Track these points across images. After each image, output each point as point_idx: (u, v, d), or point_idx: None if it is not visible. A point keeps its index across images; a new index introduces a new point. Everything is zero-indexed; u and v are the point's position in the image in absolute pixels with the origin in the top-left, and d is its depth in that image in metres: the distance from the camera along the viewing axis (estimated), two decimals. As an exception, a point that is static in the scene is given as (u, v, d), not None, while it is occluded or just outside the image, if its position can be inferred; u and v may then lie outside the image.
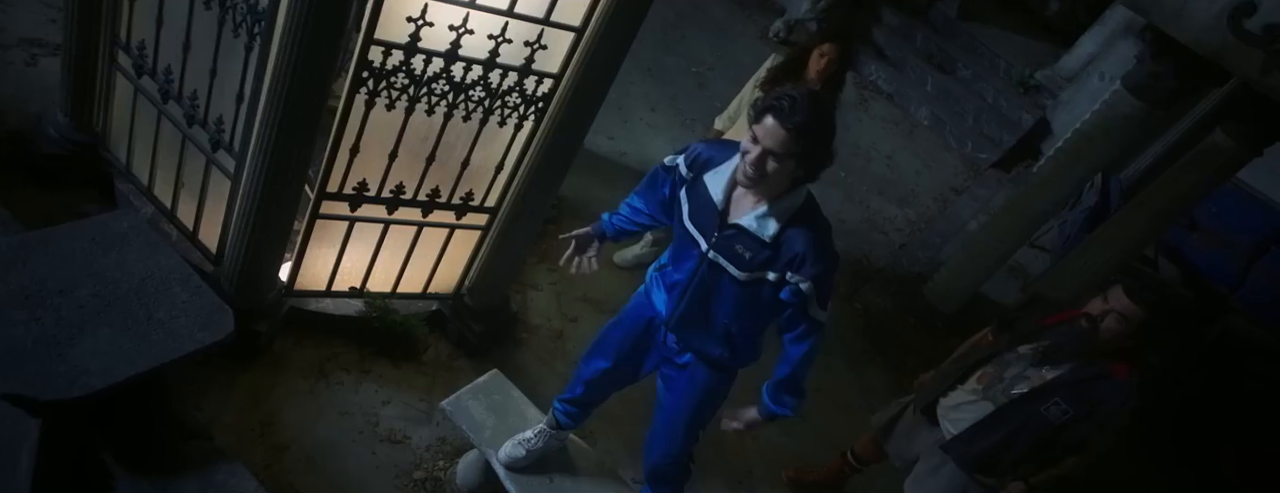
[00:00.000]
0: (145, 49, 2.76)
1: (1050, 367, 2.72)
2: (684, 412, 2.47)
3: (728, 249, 2.12)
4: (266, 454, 2.60)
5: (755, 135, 1.97)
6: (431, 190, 2.93)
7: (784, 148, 1.93)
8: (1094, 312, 2.61)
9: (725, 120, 3.82)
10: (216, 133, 2.72)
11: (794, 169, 1.99)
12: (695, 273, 2.21)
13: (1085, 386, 2.65)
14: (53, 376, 1.59)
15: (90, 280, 1.76)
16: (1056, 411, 2.68)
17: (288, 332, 3.01)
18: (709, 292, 2.22)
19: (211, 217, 2.92)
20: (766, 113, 1.96)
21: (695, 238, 2.18)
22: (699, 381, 2.42)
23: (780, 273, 2.09)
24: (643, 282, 2.50)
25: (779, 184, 2.04)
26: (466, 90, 2.66)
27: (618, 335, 2.52)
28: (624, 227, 2.52)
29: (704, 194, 2.15)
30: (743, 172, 2.00)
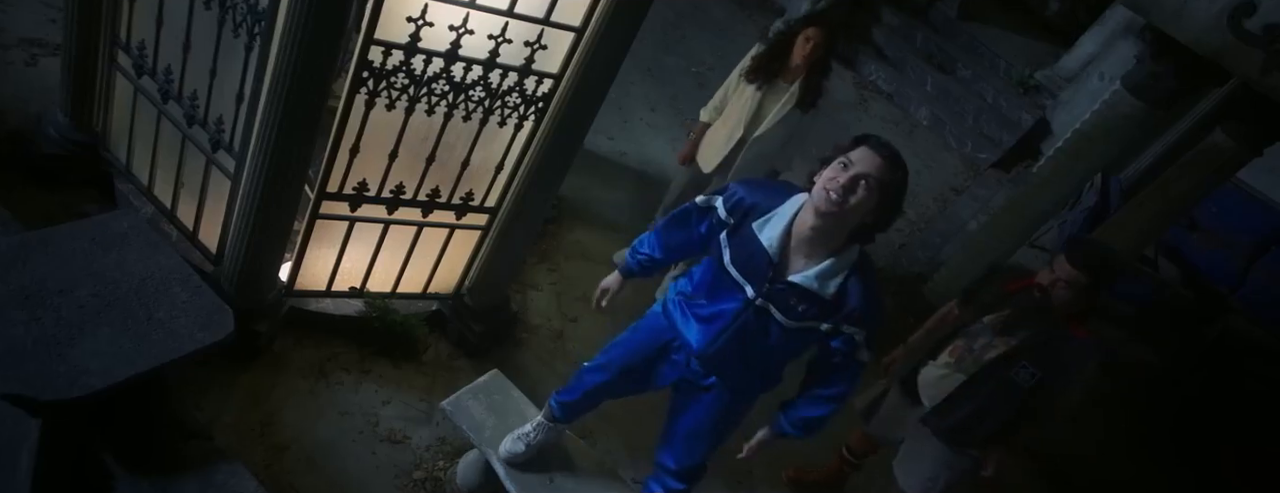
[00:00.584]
0: (145, 49, 2.76)
1: (1014, 334, 2.80)
2: (705, 428, 2.45)
3: (779, 300, 2.09)
4: (266, 454, 2.60)
5: (849, 160, 1.97)
6: (431, 190, 2.93)
7: (879, 173, 1.94)
8: (1044, 282, 2.70)
9: (711, 112, 3.81)
10: (216, 133, 2.72)
11: (871, 209, 1.98)
12: (738, 316, 2.16)
13: (1049, 348, 2.74)
14: (53, 375, 1.59)
15: (90, 280, 1.76)
16: (1025, 374, 2.76)
17: (288, 332, 3.01)
18: (751, 334, 2.18)
19: (211, 217, 2.92)
20: (859, 143, 2.00)
21: (740, 284, 2.13)
22: (724, 402, 2.40)
23: (835, 325, 2.10)
24: (639, 285, 2.49)
25: (846, 229, 2.02)
26: (466, 90, 2.66)
27: (628, 352, 2.47)
28: (651, 263, 2.48)
29: (752, 242, 2.10)
30: (827, 196, 1.95)
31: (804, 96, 3.55)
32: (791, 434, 2.36)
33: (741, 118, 3.63)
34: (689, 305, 2.29)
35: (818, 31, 3.45)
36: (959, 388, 2.88)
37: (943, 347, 3.01)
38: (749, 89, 3.59)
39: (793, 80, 3.56)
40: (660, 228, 2.44)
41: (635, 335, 2.47)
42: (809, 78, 3.54)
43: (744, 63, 3.63)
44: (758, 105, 3.60)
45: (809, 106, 3.60)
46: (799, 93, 3.55)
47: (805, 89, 3.55)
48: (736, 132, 3.66)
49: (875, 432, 3.28)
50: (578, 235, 4.21)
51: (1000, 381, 2.80)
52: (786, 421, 2.34)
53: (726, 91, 3.72)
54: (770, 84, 3.58)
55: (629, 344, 2.48)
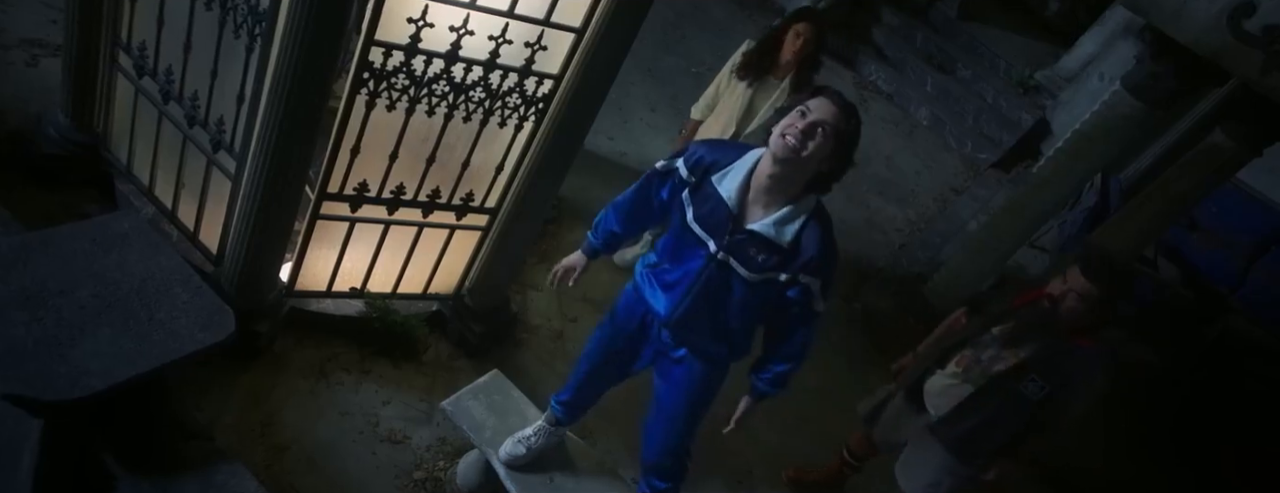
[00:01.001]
0: (146, 50, 2.77)
1: (1022, 346, 2.79)
2: (681, 406, 2.50)
3: (739, 251, 2.15)
4: (267, 454, 2.61)
5: (807, 108, 2.04)
6: (432, 191, 2.93)
7: (835, 121, 2.03)
8: (1054, 292, 2.68)
9: (702, 109, 3.83)
10: (217, 134, 2.72)
11: (827, 156, 2.06)
12: (701, 273, 2.22)
13: (1056, 361, 2.74)
14: (54, 376, 1.60)
15: (91, 281, 1.76)
16: (1033, 387, 2.77)
17: (288, 332, 3.02)
18: (714, 291, 2.24)
19: (212, 217, 2.93)
20: (817, 94, 2.07)
21: (702, 239, 2.19)
22: (697, 375, 2.44)
23: (793, 274, 2.15)
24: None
25: (805, 176, 2.08)
26: (467, 91, 2.66)
27: (610, 334, 2.54)
28: (613, 238, 2.54)
29: (713, 197, 2.16)
30: (785, 142, 2.01)
31: (796, 89, 3.57)
32: (767, 392, 2.41)
33: (733, 114, 3.65)
34: (655, 274, 2.36)
35: (808, 27, 3.47)
36: (968, 399, 2.88)
37: (950, 356, 3.00)
38: (740, 86, 3.61)
39: (783, 76, 3.58)
40: (619, 201, 2.50)
41: (613, 317, 2.54)
42: (799, 73, 3.56)
43: (734, 60, 3.65)
44: (749, 102, 3.62)
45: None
46: (789, 88, 3.57)
47: (796, 84, 3.57)
48: (729, 128, 3.68)
49: (879, 436, 3.27)
50: (578, 236, 4.20)
51: (1008, 393, 2.80)
52: (759, 380, 2.40)
53: (717, 89, 3.74)
54: (761, 81, 3.60)
55: (609, 326, 2.55)
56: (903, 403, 3.14)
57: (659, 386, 2.54)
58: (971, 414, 2.88)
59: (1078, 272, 2.66)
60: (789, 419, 3.96)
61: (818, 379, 4.23)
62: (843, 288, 5.10)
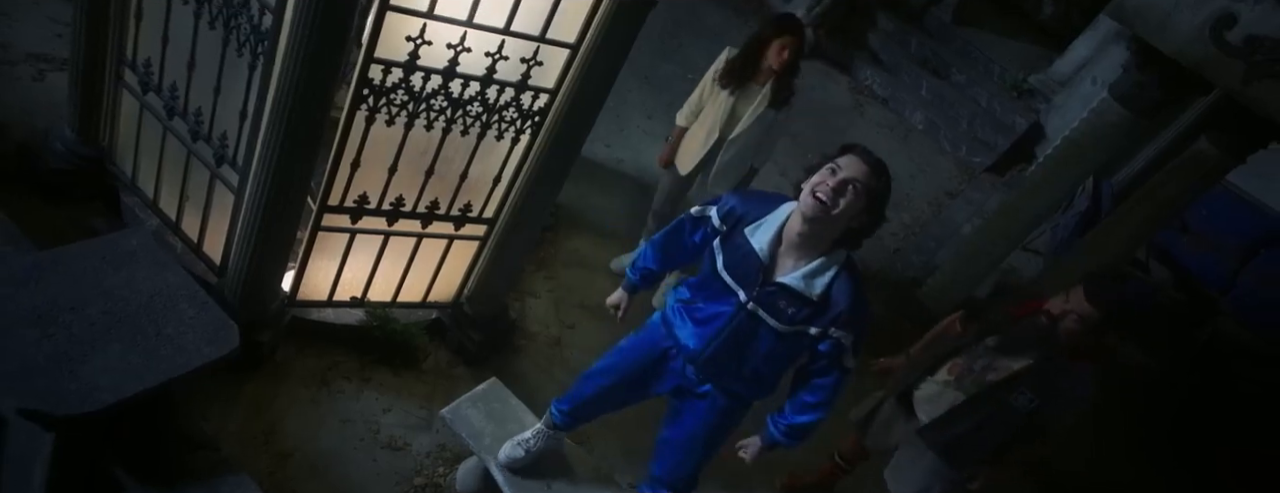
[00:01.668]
0: (151, 67, 2.83)
1: (1016, 358, 2.83)
2: (701, 436, 2.51)
3: (769, 303, 2.17)
4: (270, 462, 2.67)
5: (837, 165, 2.07)
6: (430, 203, 2.99)
7: (865, 179, 2.05)
8: (1055, 310, 2.73)
9: (687, 116, 3.91)
10: (220, 148, 2.78)
11: (857, 213, 2.08)
12: (732, 319, 2.24)
13: (1049, 377, 2.79)
14: (66, 392, 1.66)
15: (101, 298, 1.82)
16: (1023, 400, 2.82)
17: (290, 341, 3.08)
18: (743, 338, 2.25)
19: (215, 229, 2.99)
20: (846, 151, 2.11)
21: (732, 288, 2.21)
22: (719, 409, 2.46)
23: (823, 328, 2.17)
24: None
25: (835, 232, 2.11)
26: (464, 106, 2.72)
27: (629, 360, 2.54)
28: (651, 275, 2.60)
29: (744, 247, 2.19)
30: (814, 200, 2.04)
31: (776, 96, 3.66)
32: (782, 443, 2.43)
33: (717, 120, 3.73)
34: (687, 310, 2.37)
35: (793, 39, 3.54)
36: (959, 406, 2.93)
37: (943, 362, 3.05)
38: (723, 93, 3.70)
39: (764, 82, 3.66)
40: (656, 241, 2.53)
41: (635, 343, 2.54)
42: (781, 78, 3.64)
43: (716, 67, 3.73)
44: (732, 108, 3.71)
45: (782, 104, 3.70)
46: (771, 93, 3.66)
47: (777, 89, 3.66)
48: (713, 133, 3.76)
49: (870, 441, 3.33)
50: (575, 243, 4.27)
51: (999, 403, 2.85)
52: (776, 429, 2.42)
53: (701, 96, 3.82)
54: (743, 88, 3.68)
55: (629, 352, 2.55)
56: (894, 407, 3.20)
57: (680, 413, 2.54)
58: (961, 421, 2.93)
59: (1081, 294, 2.70)
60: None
61: None
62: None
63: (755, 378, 2.38)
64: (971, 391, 2.93)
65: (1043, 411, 2.83)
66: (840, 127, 6.82)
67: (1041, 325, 2.78)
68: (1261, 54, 3.44)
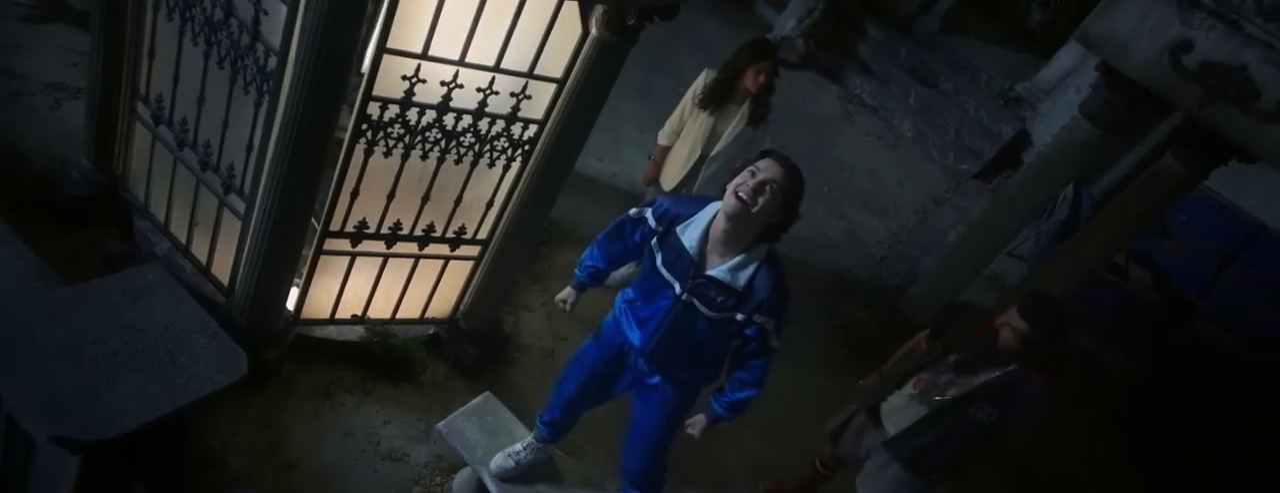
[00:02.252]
0: (163, 102, 3.00)
1: (976, 374, 3.01)
2: (657, 427, 2.75)
3: (701, 293, 2.41)
4: (276, 473, 2.84)
5: (756, 168, 2.28)
6: (427, 226, 3.16)
7: (781, 179, 2.27)
8: (996, 326, 2.89)
9: (669, 135, 4.09)
10: (228, 178, 2.95)
11: (776, 210, 2.29)
12: (669, 311, 2.48)
13: (1007, 392, 2.97)
14: (91, 418, 1.82)
15: (121, 331, 1.98)
16: (981, 413, 3.01)
17: (295, 357, 3.25)
18: (680, 327, 2.49)
19: (223, 252, 3.16)
20: (764, 156, 2.32)
21: (669, 282, 2.45)
22: (670, 399, 2.70)
23: (748, 314, 2.40)
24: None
25: (756, 227, 2.32)
26: (457, 137, 2.89)
27: (590, 361, 2.79)
28: (597, 273, 2.80)
29: (677, 245, 2.42)
30: (736, 200, 2.26)
31: (754, 114, 3.86)
32: (723, 417, 2.66)
33: (698, 139, 3.92)
34: (631, 310, 2.62)
35: (768, 63, 3.73)
36: (922, 419, 3.12)
37: (909, 378, 3.23)
38: (702, 114, 3.88)
39: (742, 101, 3.84)
40: (601, 240, 2.75)
41: (594, 345, 2.80)
42: (758, 98, 3.82)
43: (695, 89, 3.91)
44: (712, 127, 3.90)
45: (759, 122, 3.89)
46: (749, 112, 3.85)
47: (754, 108, 3.86)
48: (695, 152, 3.95)
49: (842, 450, 3.51)
50: (568, 256, 4.43)
51: (960, 417, 3.03)
52: (718, 406, 2.65)
53: (682, 116, 3.99)
54: (721, 109, 3.86)
55: (590, 353, 2.80)
56: (864, 420, 3.38)
57: (636, 407, 2.80)
58: (924, 433, 3.11)
59: (1016, 311, 2.90)
60: (770, 428, 4.18)
61: (798, 390, 4.45)
62: (824, 301, 5.31)
63: (697, 364, 2.62)
64: (934, 405, 3.10)
65: (1000, 423, 3.02)
66: (829, 136, 6.97)
67: (986, 342, 2.97)
68: (1215, 79, 3.61)
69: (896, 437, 3.19)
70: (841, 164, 6.74)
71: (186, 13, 2.72)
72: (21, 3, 3.95)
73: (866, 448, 3.39)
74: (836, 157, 6.77)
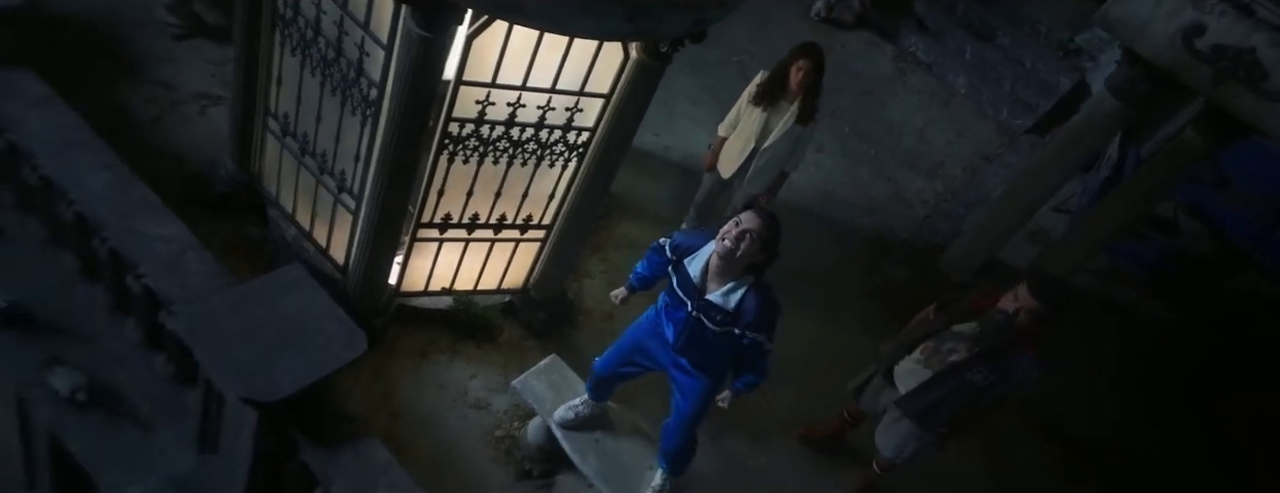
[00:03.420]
0: (288, 118, 3.67)
1: (975, 343, 3.47)
2: (691, 412, 3.36)
3: (705, 312, 3.00)
4: (387, 419, 3.58)
5: (739, 220, 2.87)
6: (500, 216, 3.78)
7: (760, 230, 2.85)
8: (1007, 307, 3.32)
9: (727, 127, 4.55)
10: (340, 180, 3.62)
11: (756, 252, 2.86)
12: (685, 322, 3.09)
13: (1002, 358, 3.42)
14: (265, 384, 2.49)
15: (278, 318, 2.63)
16: (979, 376, 3.46)
17: (397, 324, 3.96)
18: (696, 334, 3.10)
19: (338, 238, 3.86)
20: (746, 209, 2.92)
21: (683, 300, 3.05)
22: (701, 387, 3.30)
23: (742, 330, 2.99)
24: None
25: (741, 265, 2.90)
26: (522, 145, 3.47)
27: (633, 336, 3.40)
28: (645, 281, 3.40)
29: (685, 273, 3.03)
30: (726, 243, 2.84)
31: (802, 113, 4.26)
32: (744, 391, 3.29)
33: (752, 133, 4.35)
34: (664, 311, 3.22)
35: (808, 61, 4.12)
36: (928, 380, 3.59)
37: (918, 344, 3.70)
38: (756, 111, 4.30)
39: (793, 100, 4.25)
40: (645, 260, 3.33)
41: (637, 327, 3.41)
42: (805, 98, 4.22)
43: (750, 89, 4.33)
44: (764, 123, 4.32)
45: (807, 120, 4.30)
46: (798, 111, 4.24)
47: (803, 107, 4.24)
48: (749, 144, 4.39)
49: (863, 406, 4.03)
50: (626, 228, 5.00)
51: (960, 379, 3.49)
52: (739, 383, 3.27)
53: (738, 111, 4.43)
54: (774, 105, 4.28)
55: (634, 330, 3.43)
56: (881, 380, 3.87)
57: (675, 397, 3.40)
58: (929, 393, 3.59)
59: (1026, 291, 3.31)
60: (805, 382, 4.71)
61: (833, 346, 4.91)
62: (863, 260, 5.72)
63: (718, 358, 3.21)
64: (937, 369, 3.58)
65: (995, 386, 3.47)
66: (881, 97, 7.21)
67: (1000, 322, 3.39)
68: (1226, 61, 3.83)
69: (906, 396, 3.67)
70: (891, 126, 6.99)
71: (306, 51, 3.34)
72: (172, 23, 4.68)
73: (883, 404, 3.89)
74: (887, 118, 7.03)
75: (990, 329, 3.45)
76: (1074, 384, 5.34)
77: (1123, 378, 5.73)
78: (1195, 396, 5.80)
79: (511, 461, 3.76)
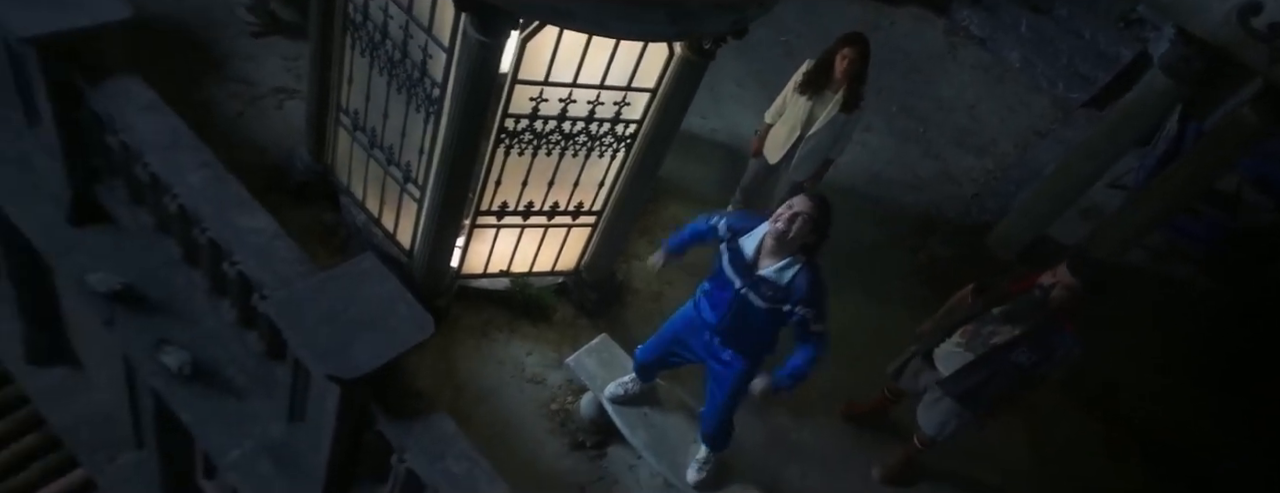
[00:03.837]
0: (358, 114, 3.95)
1: (1016, 325, 3.57)
2: (727, 397, 3.54)
3: (755, 288, 3.15)
4: (451, 393, 3.89)
5: (792, 204, 3.03)
6: (553, 204, 4.02)
7: (811, 212, 3.01)
8: (1046, 283, 3.42)
9: (773, 115, 4.68)
10: (406, 171, 3.89)
11: (808, 233, 3.02)
12: (732, 301, 3.24)
13: (1043, 337, 3.52)
14: (346, 363, 2.77)
15: (355, 303, 2.90)
16: (1023, 356, 3.56)
17: (458, 303, 4.25)
18: (741, 312, 3.25)
19: (404, 224, 4.15)
20: (799, 192, 3.11)
21: (732, 279, 3.20)
22: (737, 371, 3.46)
23: (792, 306, 3.12)
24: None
25: (794, 245, 3.05)
26: (573, 138, 3.68)
27: (673, 329, 3.59)
28: (683, 246, 3.55)
29: (739, 251, 3.17)
30: (778, 226, 3.01)
31: (846, 102, 4.36)
32: (783, 384, 3.33)
33: (797, 121, 4.48)
34: (706, 297, 3.39)
35: (852, 50, 4.21)
36: (970, 364, 3.70)
37: (957, 328, 3.81)
38: (802, 99, 4.42)
39: (837, 89, 4.35)
40: (687, 229, 3.48)
41: (676, 321, 3.59)
42: (850, 87, 4.32)
43: (796, 78, 4.44)
44: (809, 111, 4.43)
45: (851, 109, 4.40)
46: (842, 100, 4.35)
47: (847, 96, 4.35)
48: (794, 132, 4.52)
49: (903, 386, 4.18)
50: (673, 211, 5.18)
51: (1003, 360, 3.60)
52: (780, 372, 3.36)
53: (784, 100, 4.55)
54: (818, 94, 4.39)
55: (673, 323, 3.61)
56: (920, 362, 4.01)
57: (710, 385, 3.57)
58: (972, 374, 3.70)
59: (1065, 269, 3.41)
60: (847, 360, 4.81)
61: (876, 324, 5.03)
62: (909, 240, 5.81)
63: (758, 339, 3.36)
64: (980, 351, 3.70)
65: (1038, 365, 3.58)
66: (929, 74, 7.18)
67: (1037, 299, 3.48)
68: (1284, 39, 3.79)
69: (949, 378, 3.79)
70: (941, 102, 6.97)
71: (374, 53, 3.60)
72: (251, 22, 5.01)
73: (923, 384, 4.02)
74: (935, 95, 7.01)
75: (1025, 304, 3.56)
76: (1121, 362, 5.38)
77: (1173, 357, 5.72)
78: (1239, 377, 5.75)
79: (566, 432, 4.04)
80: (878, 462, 4.52)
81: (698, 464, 3.80)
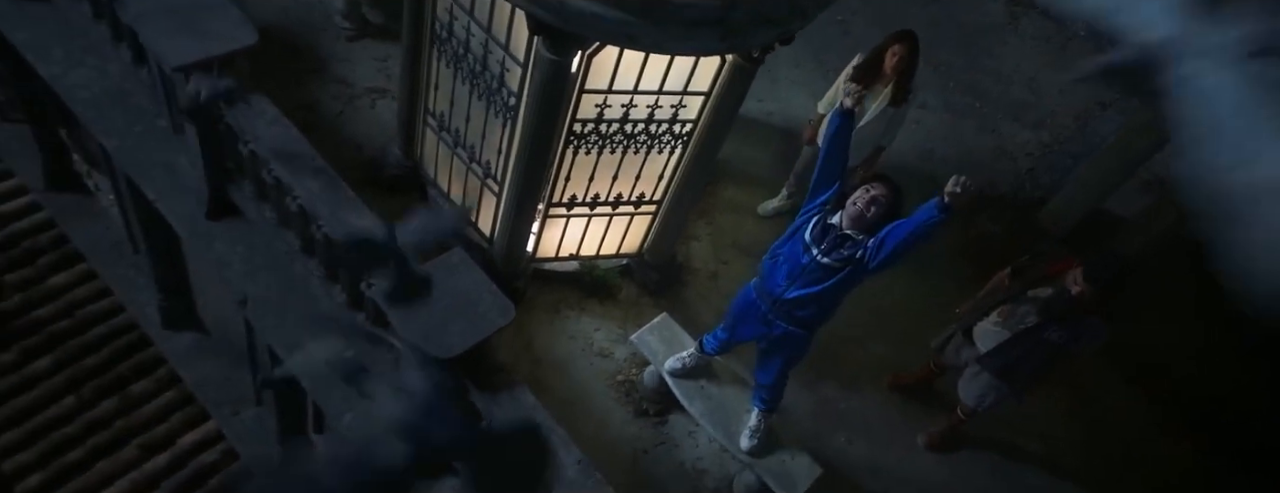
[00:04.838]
0: (444, 116, 4.39)
1: (1049, 309, 3.86)
2: (784, 365, 3.90)
3: (834, 249, 3.38)
4: (529, 365, 4.37)
5: (870, 187, 3.35)
6: (617, 195, 4.41)
7: (886, 196, 3.33)
8: (1071, 288, 3.69)
9: (826, 104, 4.91)
10: (486, 169, 4.33)
11: (883, 216, 3.34)
12: (805, 267, 3.48)
13: (1073, 319, 3.82)
14: (442, 343, 3.26)
15: (449, 293, 3.37)
16: (1055, 335, 3.86)
17: (533, 284, 4.71)
18: (812, 277, 3.50)
19: (485, 214, 4.61)
20: (877, 179, 3.39)
21: (810, 246, 3.44)
22: (796, 342, 3.80)
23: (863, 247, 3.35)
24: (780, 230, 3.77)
25: (869, 225, 3.36)
26: (634, 137, 4.05)
27: (735, 312, 3.93)
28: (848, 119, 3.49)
29: (825, 223, 3.43)
30: (856, 207, 3.32)
31: (895, 96, 4.58)
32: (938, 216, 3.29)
33: None
34: (772, 263, 3.63)
35: (902, 46, 4.42)
36: (1007, 341, 4.00)
37: (995, 307, 4.11)
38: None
39: (887, 83, 4.58)
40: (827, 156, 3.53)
41: (737, 301, 3.93)
42: (899, 81, 4.54)
43: (847, 71, 4.67)
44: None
45: (900, 102, 4.62)
46: (892, 93, 4.58)
47: (896, 89, 4.57)
48: None
49: (946, 360, 4.50)
50: (731, 193, 5.51)
51: (1038, 339, 3.90)
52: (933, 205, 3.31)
53: (836, 91, 4.79)
54: (869, 87, 4.62)
55: (734, 307, 3.95)
56: (961, 339, 4.32)
57: (760, 360, 3.95)
58: (1010, 351, 4.01)
59: (1081, 275, 3.67)
60: (895, 333, 5.14)
61: (924, 298, 5.26)
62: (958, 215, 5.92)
63: (820, 307, 3.63)
64: (1016, 329, 3.99)
65: (1070, 344, 3.88)
66: (987, 46, 7.19)
67: (1068, 297, 3.76)
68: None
69: (988, 354, 4.10)
70: (998, 75, 6.99)
71: (458, 65, 4.01)
72: (345, 27, 5.48)
73: (964, 359, 4.34)
74: (993, 68, 7.02)
75: (1056, 304, 3.83)
76: (1170, 333, 5.52)
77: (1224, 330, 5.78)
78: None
79: (631, 401, 4.50)
80: (922, 430, 4.83)
81: (750, 431, 4.21)
